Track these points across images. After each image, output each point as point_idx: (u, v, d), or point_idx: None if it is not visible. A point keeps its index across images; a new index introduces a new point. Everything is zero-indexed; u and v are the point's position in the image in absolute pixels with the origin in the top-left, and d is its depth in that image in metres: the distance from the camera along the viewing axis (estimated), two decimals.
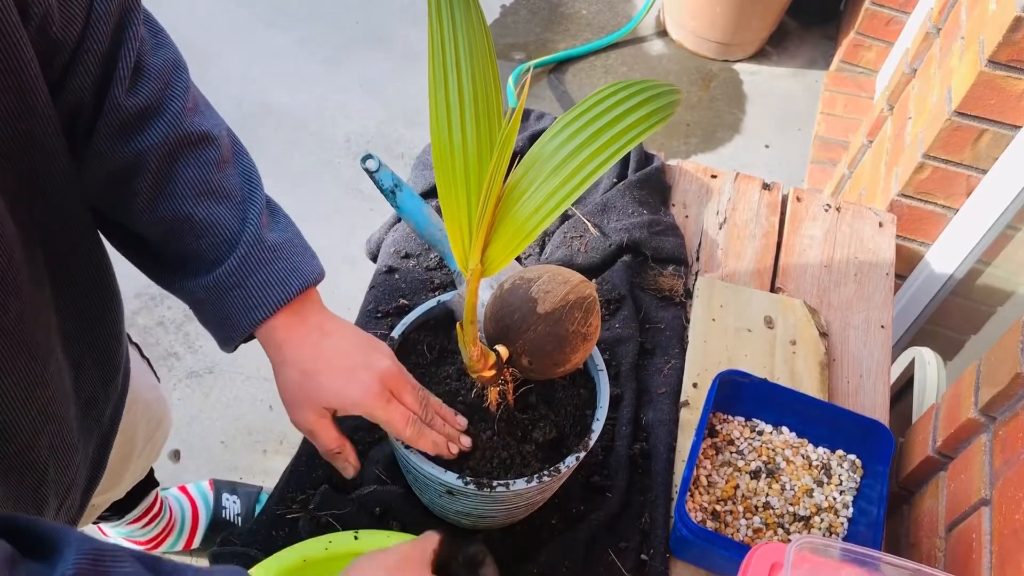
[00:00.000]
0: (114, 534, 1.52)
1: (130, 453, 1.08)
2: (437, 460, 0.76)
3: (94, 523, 1.49)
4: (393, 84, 2.57)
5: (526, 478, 0.75)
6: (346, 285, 2.06)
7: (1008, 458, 0.83)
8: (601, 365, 0.82)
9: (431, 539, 0.70)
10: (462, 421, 0.79)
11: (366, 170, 0.89)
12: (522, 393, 0.81)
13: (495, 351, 0.73)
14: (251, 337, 0.76)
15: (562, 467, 0.76)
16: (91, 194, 0.73)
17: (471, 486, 0.73)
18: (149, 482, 1.45)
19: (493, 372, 0.74)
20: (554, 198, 0.63)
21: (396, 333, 0.83)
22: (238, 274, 0.73)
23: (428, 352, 0.84)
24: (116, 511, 1.42)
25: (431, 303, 0.85)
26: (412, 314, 0.84)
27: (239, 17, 2.69)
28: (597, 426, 0.79)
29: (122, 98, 0.68)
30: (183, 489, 1.63)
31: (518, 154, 0.65)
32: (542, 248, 1.14)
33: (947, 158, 1.41)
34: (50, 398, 0.70)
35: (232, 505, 1.62)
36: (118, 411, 0.93)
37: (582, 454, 0.77)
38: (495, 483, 0.74)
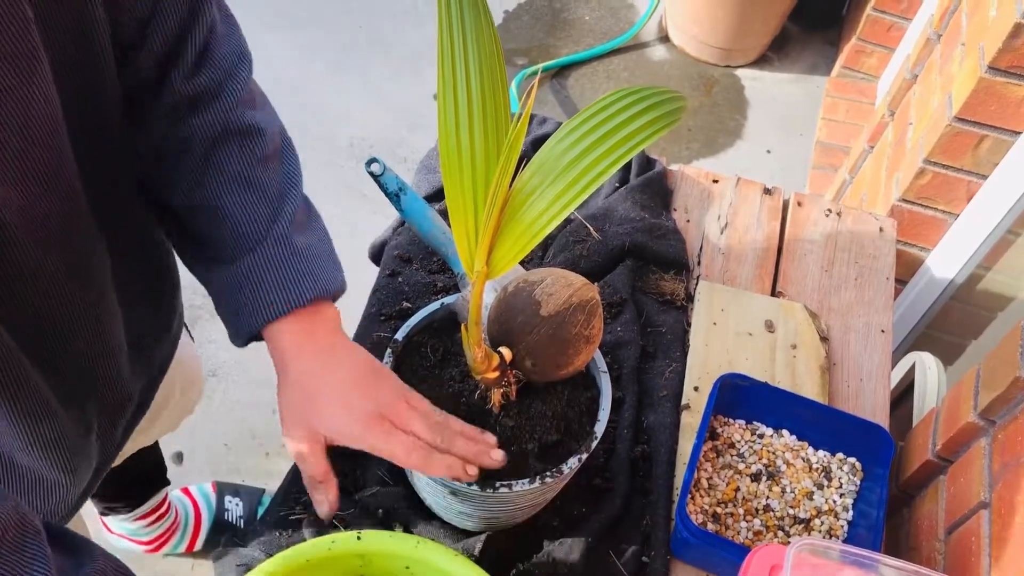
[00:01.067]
0: (119, 530, 1.53)
1: (166, 400, 1.10)
2: None
3: (101, 514, 1.51)
4: (396, 88, 2.58)
5: (528, 479, 0.75)
6: (349, 288, 2.07)
7: (1007, 462, 0.83)
8: (604, 367, 0.83)
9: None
10: (491, 438, 0.75)
11: (371, 174, 0.90)
12: (524, 395, 0.81)
13: (499, 353, 0.73)
14: (260, 336, 0.77)
15: (564, 468, 0.76)
16: (142, 167, 0.75)
17: (474, 487, 0.74)
18: (162, 479, 1.47)
19: (497, 374, 0.74)
20: (559, 202, 0.64)
21: (399, 336, 0.83)
22: (259, 270, 0.73)
23: (432, 355, 0.85)
24: (127, 504, 1.44)
25: (434, 306, 0.85)
26: (415, 317, 0.85)
27: (242, 20, 2.69)
28: (600, 428, 0.79)
29: (180, 82, 0.70)
30: (186, 491, 1.64)
31: (522, 158, 0.66)
32: (544, 252, 1.15)
33: (947, 163, 1.41)
34: (106, 329, 0.73)
35: (235, 507, 1.63)
36: (168, 358, 0.96)
37: (584, 455, 0.77)
38: (497, 483, 0.74)
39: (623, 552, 0.89)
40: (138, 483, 1.44)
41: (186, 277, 0.88)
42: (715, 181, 1.28)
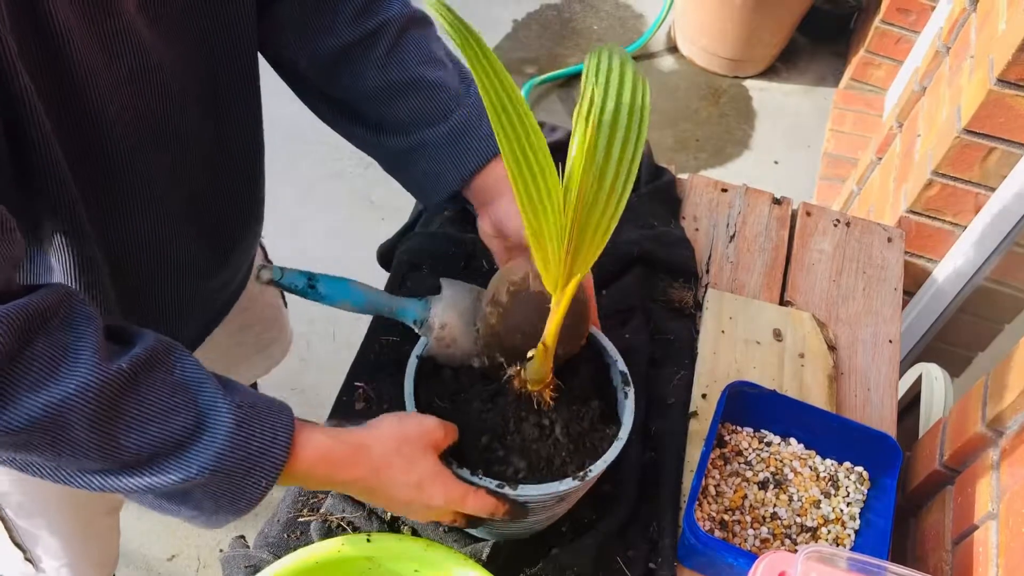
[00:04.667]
0: None
1: (236, 353, 1.13)
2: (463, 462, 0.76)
3: None
4: None
5: (552, 482, 0.75)
6: None
7: (1015, 472, 0.83)
8: (623, 368, 0.84)
9: (449, 429, 0.74)
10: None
11: (271, 282, 0.79)
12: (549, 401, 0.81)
13: (529, 358, 0.74)
14: (457, 200, 0.87)
15: (589, 473, 0.76)
16: (315, 72, 0.86)
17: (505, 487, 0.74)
18: None
19: (550, 377, 0.76)
20: (611, 202, 0.66)
21: (408, 396, 0.80)
22: (469, 122, 0.83)
23: (456, 379, 0.84)
24: None
25: (414, 362, 0.81)
26: (408, 380, 0.80)
27: None
28: (624, 431, 0.79)
29: None
30: None
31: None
32: None
33: (956, 175, 1.42)
34: (172, 255, 0.80)
35: None
36: (231, 302, 1.01)
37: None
38: (518, 487, 0.74)
39: (630, 558, 0.89)
40: None
41: None
42: (724, 190, 1.29)
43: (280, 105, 0.88)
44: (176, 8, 0.69)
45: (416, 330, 0.82)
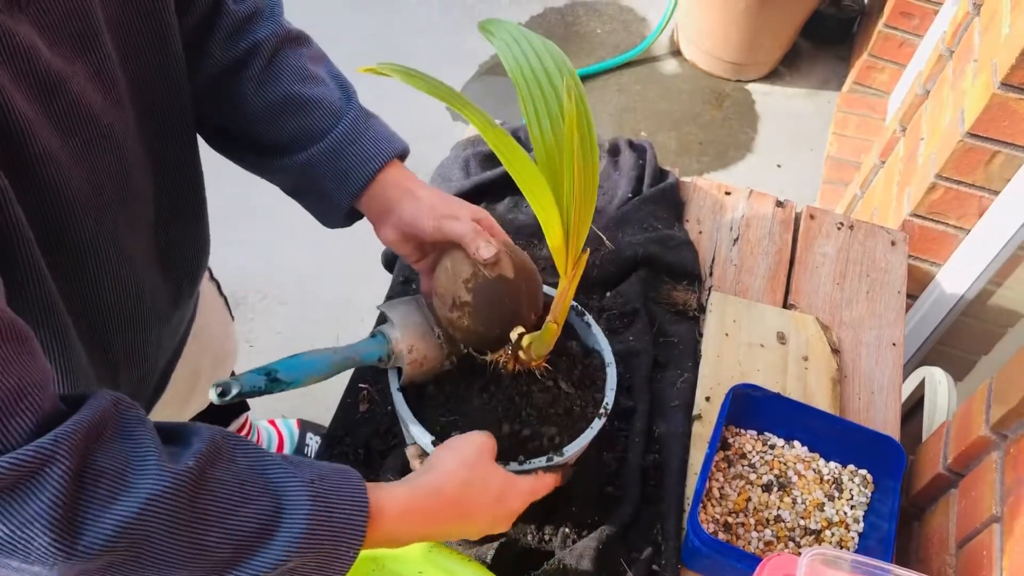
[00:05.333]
0: None
1: (196, 383, 1.13)
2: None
3: None
4: (409, 99, 2.59)
5: (584, 431, 0.80)
6: (362, 295, 2.08)
7: (1019, 476, 0.83)
8: (597, 330, 0.87)
9: (489, 435, 0.76)
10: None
11: (234, 397, 0.73)
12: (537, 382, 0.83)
13: (520, 337, 0.77)
14: (354, 215, 0.85)
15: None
16: (197, 99, 0.82)
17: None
18: (241, 404, 1.54)
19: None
20: (588, 172, 0.67)
21: (418, 430, 0.79)
22: (352, 134, 0.82)
23: (441, 389, 0.85)
24: None
25: (399, 398, 0.81)
26: (406, 415, 0.80)
27: None
28: (610, 395, 0.83)
29: (232, 6, 0.79)
30: (272, 423, 1.73)
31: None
32: None
33: (959, 179, 1.42)
34: (139, 304, 0.78)
35: (314, 444, 1.73)
36: (187, 334, 1.00)
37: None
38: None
39: (634, 560, 0.89)
40: (215, 417, 1.49)
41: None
42: (728, 193, 1.29)
43: None
44: (125, 68, 0.68)
45: (386, 366, 0.81)
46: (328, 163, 0.82)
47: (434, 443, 0.76)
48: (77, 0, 0.61)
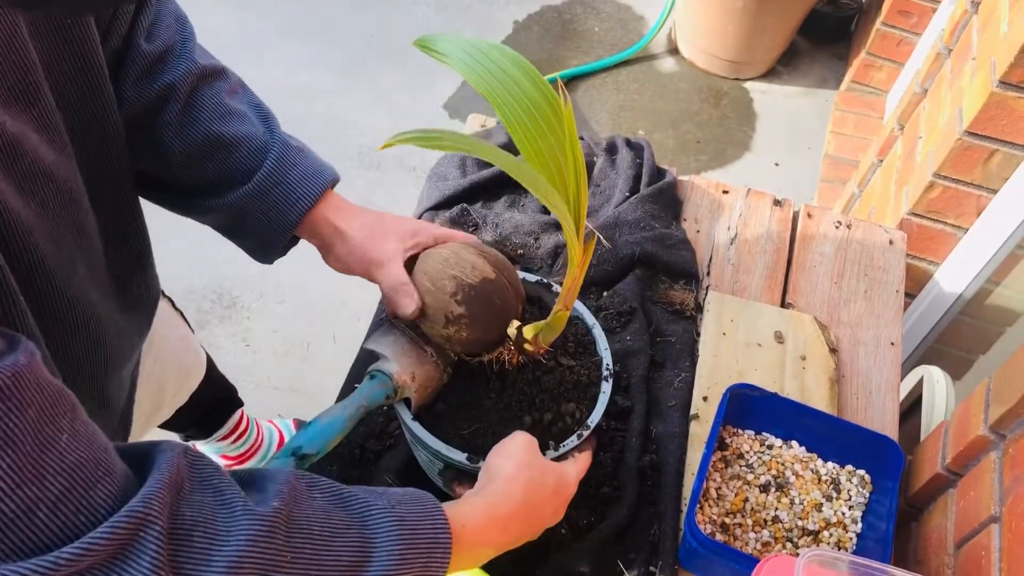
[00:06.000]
0: (206, 451, 1.59)
1: (162, 398, 1.12)
2: (444, 439, 0.78)
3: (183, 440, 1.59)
4: (406, 98, 2.59)
5: (600, 400, 0.81)
6: (358, 295, 2.07)
7: (1018, 475, 0.83)
8: (605, 344, 0.87)
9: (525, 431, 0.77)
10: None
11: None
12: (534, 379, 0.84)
13: (520, 331, 0.78)
14: (292, 243, 0.83)
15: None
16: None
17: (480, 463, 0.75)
18: (233, 401, 1.54)
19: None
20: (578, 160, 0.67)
21: (448, 452, 0.78)
22: (277, 173, 0.80)
23: (449, 404, 0.84)
24: (204, 431, 1.52)
25: (418, 427, 0.79)
26: (432, 441, 0.79)
27: (255, 29, 2.72)
28: (606, 355, 0.84)
29: (143, 45, 0.75)
30: (271, 422, 1.74)
31: None
32: (554, 261, 1.15)
33: (957, 178, 1.41)
34: (104, 352, 0.76)
35: None
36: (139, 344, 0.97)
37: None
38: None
39: (630, 561, 0.89)
40: (207, 415, 1.50)
41: (185, 282, 0.88)
42: (725, 192, 1.29)
43: (285, 106, 0.88)
44: (65, 116, 0.66)
45: (393, 402, 0.80)
46: (255, 205, 0.80)
47: (469, 459, 0.76)
48: (18, 52, 0.58)
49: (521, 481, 0.71)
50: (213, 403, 1.50)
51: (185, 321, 1.20)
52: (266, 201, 0.80)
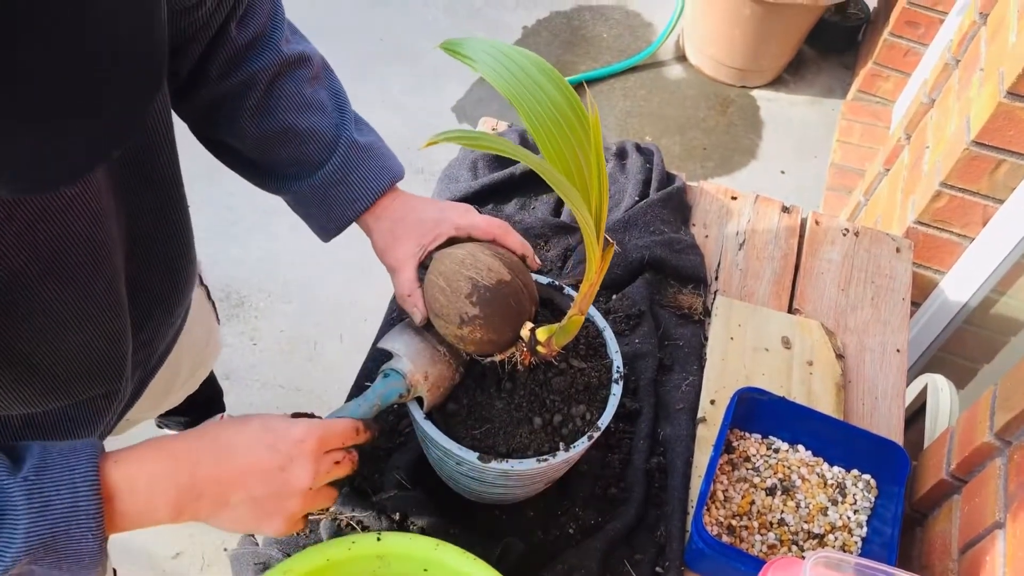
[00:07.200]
0: None
1: (172, 384, 1.13)
2: (455, 436, 0.79)
3: (157, 426, 1.60)
4: (415, 99, 2.60)
5: (610, 401, 0.82)
6: (366, 295, 2.08)
7: (1023, 482, 0.83)
8: (616, 350, 0.87)
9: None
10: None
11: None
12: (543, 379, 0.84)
13: (533, 332, 0.79)
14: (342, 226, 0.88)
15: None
16: (194, 118, 0.84)
17: (491, 463, 0.76)
18: (218, 404, 1.55)
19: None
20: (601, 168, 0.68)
21: (464, 453, 0.79)
22: (340, 172, 0.84)
23: (461, 404, 0.85)
24: (181, 426, 1.54)
25: (430, 426, 0.80)
26: (446, 442, 0.79)
27: None
28: (616, 358, 0.85)
29: (235, 33, 0.78)
30: None
31: None
32: (564, 263, 1.16)
33: (964, 187, 1.42)
34: (118, 335, 0.76)
35: None
36: (168, 351, 0.99)
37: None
38: (510, 460, 0.77)
39: (637, 562, 0.89)
40: (194, 408, 1.50)
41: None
42: (734, 198, 1.29)
43: None
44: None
45: (406, 400, 0.80)
46: (318, 197, 0.85)
47: (480, 459, 0.77)
48: None
49: (224, 428, 0.71)
50: (203, 402, 1.50)
51: (215, 313, 1.22)
52: (327, 197, 0.85)
